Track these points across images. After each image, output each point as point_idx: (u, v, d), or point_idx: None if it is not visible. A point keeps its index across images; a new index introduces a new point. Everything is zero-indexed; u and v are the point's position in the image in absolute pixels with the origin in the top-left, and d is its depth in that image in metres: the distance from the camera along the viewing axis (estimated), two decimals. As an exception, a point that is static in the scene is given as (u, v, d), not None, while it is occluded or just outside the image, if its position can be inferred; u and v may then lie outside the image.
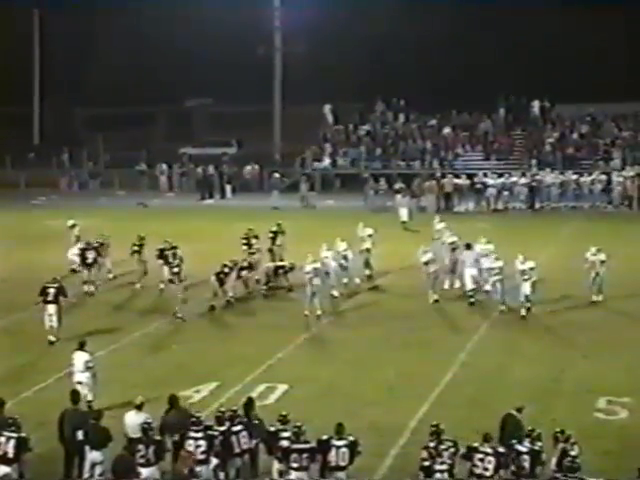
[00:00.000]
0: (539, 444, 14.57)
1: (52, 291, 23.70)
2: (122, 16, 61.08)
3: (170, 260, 28.09)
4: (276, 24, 58.56)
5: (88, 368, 19.00)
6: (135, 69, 62.62)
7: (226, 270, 27.04)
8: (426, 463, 14.44)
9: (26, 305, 27.46)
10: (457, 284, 28.56)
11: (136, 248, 29.44)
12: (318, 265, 26.40)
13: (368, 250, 29.74)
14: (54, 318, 23.58)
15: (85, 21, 61.30)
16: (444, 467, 14.34)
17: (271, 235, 31.35)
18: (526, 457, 14.47)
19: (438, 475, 14.29)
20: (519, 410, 15.74)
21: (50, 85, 62.60)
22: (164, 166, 54.44)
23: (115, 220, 43.02)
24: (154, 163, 54.81)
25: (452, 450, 14.63)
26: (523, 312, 25.82)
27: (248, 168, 53.90)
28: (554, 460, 14.57)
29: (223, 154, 55.93)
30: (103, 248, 29.87)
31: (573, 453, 14.43)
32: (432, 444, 14.69)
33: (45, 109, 63.79)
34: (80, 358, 19.15)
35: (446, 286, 28.61)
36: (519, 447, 14.53)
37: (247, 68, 58.16)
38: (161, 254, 28.80)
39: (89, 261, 28.97)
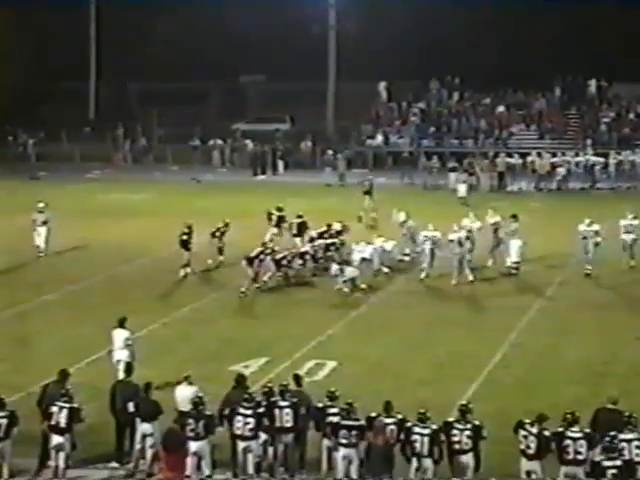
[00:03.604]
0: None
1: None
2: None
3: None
4: (330, 1, 58.39)
5: (127, 346, 18.74)
6: (190, 46, 62.76)
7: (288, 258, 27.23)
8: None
9: (79, 278, 27.87)
10: (489, 262, 28.65)
11: (217, 232, 29.12)
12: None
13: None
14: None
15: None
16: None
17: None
18: (582, 442, 14.31)
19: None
20: (614, 403, 15.22)
21: (106, 60, 62.95)
22: (218, 141, 54.67)
23: (169, 195, 43.38)
24: (207, 139, 55.03)
25: (468, 433, 14.52)
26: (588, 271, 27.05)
27: (303, 144, 53.98)
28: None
29: (276, 130, 56.01)
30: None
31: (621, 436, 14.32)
32: (451, 419, 14.75)
33: (101, 84, 64.22)
34: (120, 335, 18.92)
35: (489, 263, 28.64)
36: (570, 434, 14.34)
37: (301, 45, 58.08)
38: (300, 228, 29.57)
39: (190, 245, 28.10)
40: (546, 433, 14.41)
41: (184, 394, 16.05)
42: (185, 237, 27.96)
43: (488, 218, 29.47)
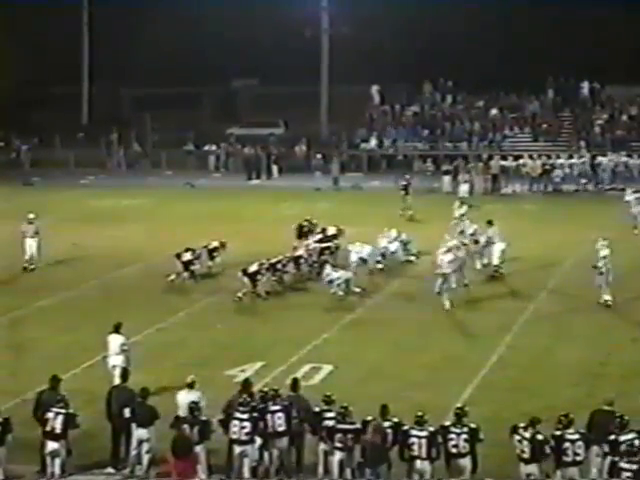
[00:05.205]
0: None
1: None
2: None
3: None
4: (323, 4, 58.44)
5: (123, 351, 18.72)
6: (182, 50, 62.72)
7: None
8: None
9: (74, 284, 27.83)
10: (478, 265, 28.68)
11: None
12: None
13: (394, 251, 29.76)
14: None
15: (134, 2, 61.46)
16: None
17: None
18: (580, 443, 14.33)
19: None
20: (610, 404, 15.21)
21: (99, 66, 62.89)
22: (212, 147, 54.68)
23: (164, 200, 43.35)
24: (201, 143, 55.02)
25: (465, 436, 14.52)
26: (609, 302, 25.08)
27: (297, 148, 54.00)
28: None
29: (270, 134, 56.01)
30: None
31: (622, 438, 14.30)
32: (448, 422, 14.74)
33: (94, 89, 64.17)
34: (115, 341, 18.88)
35: (477, 266, 28.67)
36: (569, 436, 14.34)
37: (294, 48, 58.05)
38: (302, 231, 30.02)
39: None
40: (539, 437, 14.39)
41: (184, 400, 15.88)
42: (189, 263, 27.66)
43: (466, 229, 29.63)
